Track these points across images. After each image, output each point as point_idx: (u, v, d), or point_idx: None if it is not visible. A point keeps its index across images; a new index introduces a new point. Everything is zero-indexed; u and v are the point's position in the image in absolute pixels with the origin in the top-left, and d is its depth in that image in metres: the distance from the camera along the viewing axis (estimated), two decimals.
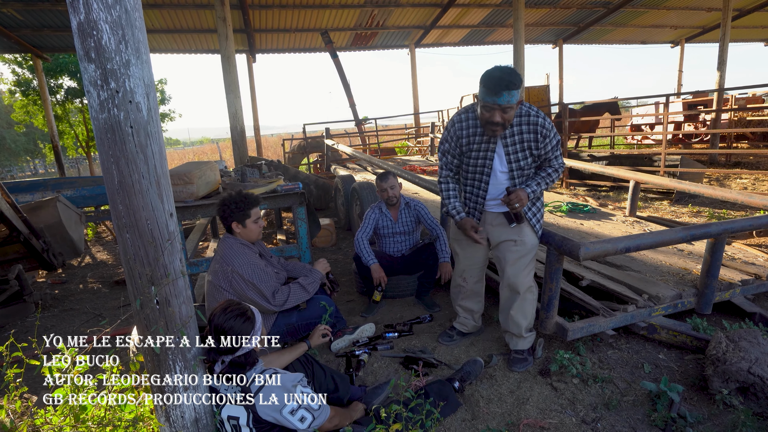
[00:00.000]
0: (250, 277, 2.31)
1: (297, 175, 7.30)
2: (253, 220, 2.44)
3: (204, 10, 9.24)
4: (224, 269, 2.32)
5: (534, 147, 2.13)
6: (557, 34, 13.49)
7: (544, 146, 2.15)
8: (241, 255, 2.36)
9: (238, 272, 2.30)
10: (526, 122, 2.11)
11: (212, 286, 2.38)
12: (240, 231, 2.44)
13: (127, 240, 1.34)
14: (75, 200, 5.72)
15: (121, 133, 1.27)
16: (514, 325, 2.35)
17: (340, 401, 2.07)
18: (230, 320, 1.57)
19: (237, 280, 2.30)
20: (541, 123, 2.11)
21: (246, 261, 2.34)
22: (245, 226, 2.43)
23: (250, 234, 2.46)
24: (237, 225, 2.42)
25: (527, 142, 2.12)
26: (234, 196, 2.44)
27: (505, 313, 2.39)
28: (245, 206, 2.41)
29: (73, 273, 5.04)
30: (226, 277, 2.32)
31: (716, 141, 9.08)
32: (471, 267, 2.50)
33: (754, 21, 13.54)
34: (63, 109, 11.75)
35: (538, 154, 2.17)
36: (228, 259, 2.34)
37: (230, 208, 2.41)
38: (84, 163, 19.24)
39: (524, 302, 2.32)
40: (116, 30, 1.22)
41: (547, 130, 2.12)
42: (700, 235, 2.38)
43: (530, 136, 2.11)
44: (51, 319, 3.68)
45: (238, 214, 2.40)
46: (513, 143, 2.13)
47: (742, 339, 2.07)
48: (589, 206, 4.46)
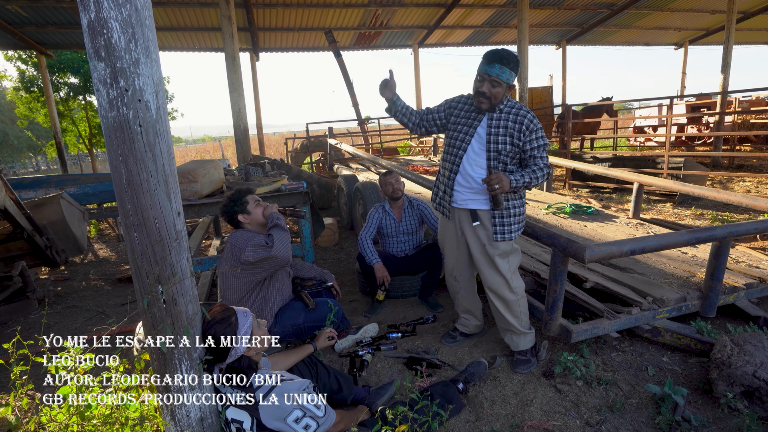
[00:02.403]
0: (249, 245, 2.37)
1: (300, 174, 7.31)
2: (252, 205, 2.53)
3: (208, 9, 9.23)
4: (233, 252, 2.40)
5: (516, 137, 2.15)
6: (561, 35, 13.46)
7: (529, 141, 2.15)
8: (246, 234, 2.45)
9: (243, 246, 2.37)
10: (514, 113, 2.17)
11: (225, 274, 2.46)
12: (248, 220, 2.52)
13: (134, 239, 1.34)
14: (78, 197, 5.73)
15: (130, 132, 1.27)
16: (506, 324, 2.36)
17: (344, 401, 2.07)
18: (213, 326, 1.56)
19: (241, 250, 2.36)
20: (529, 118, 2.15)
21: (249, 236, 2.42)
22: (249, 213, 2.52)
23: (257, 217, 2.53)
24: (243, 216, 2.52)
25: (510, 130, 2.16)
26: (227, 195, 2.59)
27: (497, 315, 2.40)
28: (240, 196, 2.53)
29: (76, 270, 5.05)
30: (235, 255, 2.39)
31: (719, 144, 9.05)
32: (458, 266, 2.52)
33: (758, 24, 13.49)
34: (66, 105, 11.76)
35: (519, 145, 2.17)
36: (234, 241, 2.42)
37: (229, 205, 2.52)
38: (86, 160, 19.26)
39: (509, 303, 2.32)
40: (126, 28, 1.22)
41: (533, 125, 2.15)
42: (705, 239, 2.38)
43: (515, 126, 2.15)
44: (54, 317, 3.69)
45: (239, 206, 2.51)
46: (497, 126, 2.18)
47: (747, 343, 2.07)
48: (592, 208, 4.46)
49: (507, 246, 2.27)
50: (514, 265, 2.32)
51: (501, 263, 2.27)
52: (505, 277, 2.29)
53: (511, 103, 2.21)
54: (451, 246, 2.49)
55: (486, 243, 2.28)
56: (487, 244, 2.28)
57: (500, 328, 2.45)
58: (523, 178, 2.12)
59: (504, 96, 2.15)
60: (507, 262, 2.29)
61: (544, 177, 2.18)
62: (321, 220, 4.28)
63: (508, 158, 2.19)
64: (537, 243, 3.62)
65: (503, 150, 2.17)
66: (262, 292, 2.46)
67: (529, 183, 2.14)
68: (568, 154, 8.32)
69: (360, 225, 5.23)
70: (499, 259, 2.27)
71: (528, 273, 3.07)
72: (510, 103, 2.21)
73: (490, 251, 2.28)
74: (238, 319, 1.59)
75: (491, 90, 2.10)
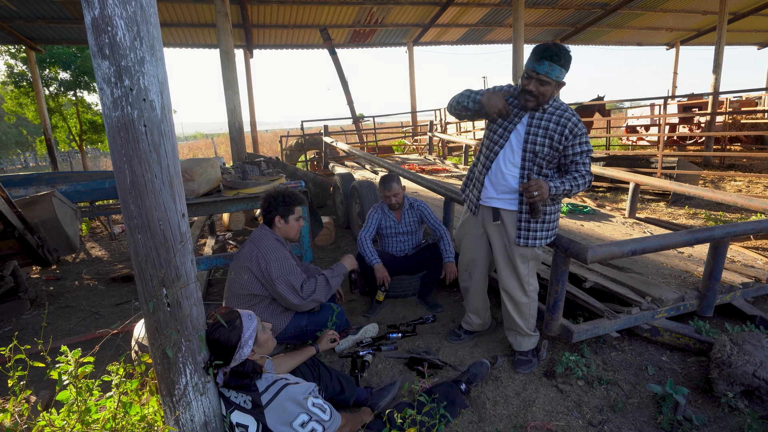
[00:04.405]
0: (283, 272, 2.34)
1: (295, 172, 7.25)
2: (295, 217, 2.50)
3: (202, 5, 9.13)
4: (258, 260, 2.35)
5: (557, 140, 2.03)
6: (555, 34, 13.51)
7: (572, 146, 2.04)
8: (277, 250, 2.39)
9: (271, 266, 2.33)
10: (558, 115, 2.04)
11: (242, 271, 2.39)
12: (281, 226, 2.48)
13: (138, 241, 1.32)
14: (70, 195, 5.64)
15: (135, 132, 1.25)
16: (513, 325, 2.36)
17: (347, 403, 2.06)
18: (217, 329, 1.54)
19: (269, 273, 2.33)
20: (574, 122, 2.03)
21: (281, 256, 2.38)
22: (287, 222, 2.48)
23: (289, 231, 2.50)
24: (279, 219, 2.47)
25: (551, 132, 2.04)
26: (281, 191, 2.50)
27: (506, 314, 2.40)
28: (291, 202, 2.47)
29: (68, 269, 4.97)
30: (259, 267, 2.35)
31: (710, 144, 9.16)
32: (474, 263, 2.48)
33: (748, 25, 13.66)
34: (56, 101, 11.57)
35: (560, 149, 2.05)
36: (264, 251, 2.37)
37: (276, 201, 2.46)
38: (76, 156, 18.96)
39: (520, 305, 2.31)
40: (131, 26, 1.19)
41: (578, 129, 2.03)
42: (704, 239, 2.40)
43: (557, 128, 2.03)
44: (47, 317, 3.63)
45: (283, 209, 2.46)
46: (537, 126, 2.06)
47: (746, 342, 2.09)
48: (588, 207, 4.48)
49: (529, 251, 2.20)
50: (533, 270, 2.27)
51: (521, 266, 2.23)
52: (521, 280, 2.25)
53: (556, 103, 2.07)
54: (471, 242, 2.42)
55: (507, 243, 2.23)
56: (508, 245, 2.23)
57: (506, 327, 2.45)
58: (563, 185, 1.99)
59: (552, 95, 2.02)
60: (527, 266, 2.23)
61: (585, 185, 2.05)
62: (319, 219, 4.25)
63: (544, 161, 2.07)
64: None
65: (540, 152, 2.05)
66: (269, 297, 2.45)
67: (569, 191, 2.01)
68: None
69: (356, 223, 5.21)
70: (519, 262, 2.22)
71: None
72: (556, 103, 2.07)
73: (511, 252, 2.22)
74: (242, 322, 1.57)
75: (539, 89, 1.97)
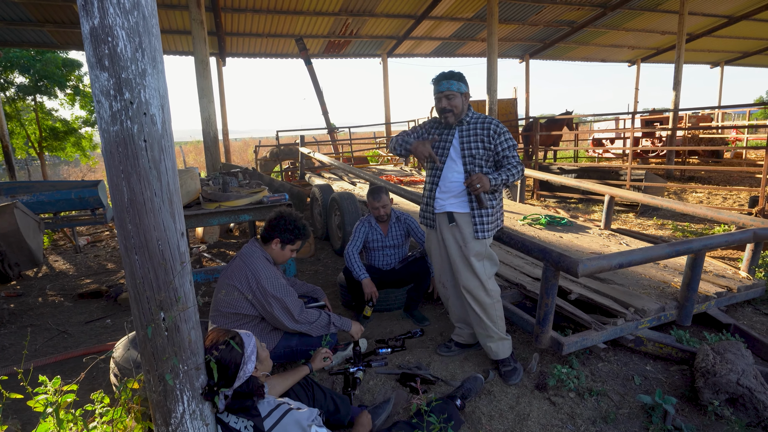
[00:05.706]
0: (277, 293, 2.29)
1: (271, 182, 7.13)
2: (292, 247, 2.49)
3: (174, 11, 8.93)
4: (248, 279, 2.30)
5: (487, 141, 2.37)
6: (524, 49, 13.97)
7: (500, 143, 2.37)
8: (268, 269, 2.35)
9: (264, 286, 2.27)
10: (481, 122, 2.41)
11: (230, 289, 2.32)
12: (275, 249, 2.45)
13: (135, 262, 1.24)
14: (32, 206, 5.33)
15: (134, 147, 1.18)
16: (485, 330, 2.42)
17: (341, 423, 2.01)
18: (218, 350, 1.47)
19: (261, 293, 2.28)
20: (495, 123, 2.39)
21: (273, 275, 2.34)
22: (283, 249, 2.47)
23: (279, 257, 2.48)
24: (278, 243, 2.45)
25: (480, 136, 2.38)
26: (295, 217, 2.47)
27: (475, 320, 2.45)
28: (297, 235, 2.46)
29: (30, 285, 4.67)
30: (250, 287, 2.29)
31: (672, 157, 9.63)
32: (443, 272, 2.62)
33: (702, 45, 14.56)
34: (13, 106, 10.98)
35: (492, 148, 2.37)
36: (254, 270, 2.31)
37: (286, 226, 2.43)
38: (33, 164, 18.00)
39: (485, 306, 2.39)
40: (133, 37, 1.13)
41: (500, 128, 2.38)
42: (684, 251, 2.49)
43: (483, 132, 2.38)
44: (9, 337, 3.39)
45: (287, 236, 2.43)
46: (468, 135, 2.40)
47: (727, 351, 2.17)
48: (565, 219, 4.60)
49: (481, 247, 2.38)
50: (490, 272, 2.43)
51: (477, 265, 2.37)
52: (481, 279, 2.38)
53: (475, 115, 2.44)
54: (436, 253, 2.61)
55: (462, 244, 2.40)
56: (462, 245, 2.39)
57: (479, 335, 2.49)
58: (500, 176, 2.32)
59: (463, 105, 2.37)
60: (483, 265, 2.39)
61: (519, 174, 2.37)
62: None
63: (483, 161, 2.38)
64: (519, 255, 3.69)
65: (477, 154, 2.37)
66: (258, 316, 2.38)
67: (506, 180, 2.33)
68: (535, 165, 8.58)
69: (336, 235, 5.16)
70: (474, 260, 2.37)
71: (513, 285, 3.11)
72: (474, 115, 2.44)
73: (465, 252, 2.39)
74: (243, 339, 1.51)
75: (450, 102, 2.34)
